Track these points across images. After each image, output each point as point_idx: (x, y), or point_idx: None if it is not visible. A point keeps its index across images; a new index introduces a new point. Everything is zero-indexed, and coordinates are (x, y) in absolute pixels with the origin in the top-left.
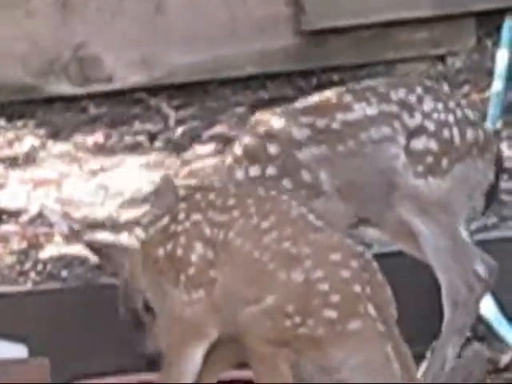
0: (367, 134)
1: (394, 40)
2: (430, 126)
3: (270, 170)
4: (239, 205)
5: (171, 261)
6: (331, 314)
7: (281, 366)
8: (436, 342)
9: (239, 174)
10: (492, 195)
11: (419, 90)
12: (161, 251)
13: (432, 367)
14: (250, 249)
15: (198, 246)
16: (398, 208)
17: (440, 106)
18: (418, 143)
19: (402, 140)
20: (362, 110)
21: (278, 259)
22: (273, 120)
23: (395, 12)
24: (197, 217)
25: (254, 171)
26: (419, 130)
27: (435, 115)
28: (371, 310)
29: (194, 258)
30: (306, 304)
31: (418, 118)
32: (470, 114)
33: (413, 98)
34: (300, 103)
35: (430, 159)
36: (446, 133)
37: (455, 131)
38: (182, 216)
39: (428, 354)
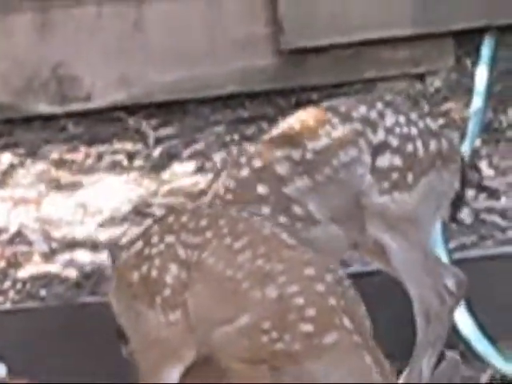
0: (337, 158)
1: (374, 59)
2: (393, 142)
3: (265, 210)
4: (212, 226)
5: (146, 283)
6: (307, 327)
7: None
8: (411, 357)
9: None
10: (458, 203)
11: (379, 105)
12: (135, 275)
13: (409, 380)
14: (223, 268)
15: (173, 268)
16: (368, 227)
17: (402, 119)
18: (383, 160)
19: (367, 159)
20: (327, 134)
21: (252, 277)
22: (253, 160)
23: (375, 31)
24: (170, 239)
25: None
26: (383, 146)
27: (397, 129)
28: (346, 322)
29: (168, 279)
30: (281, 319)
31: (381, 134)
32: (433, 124)
33: (374, 114)
34: (269, 135)
35: (395, 175)
36: (409, 147)
37: (419, 144)
38: (155, 239)
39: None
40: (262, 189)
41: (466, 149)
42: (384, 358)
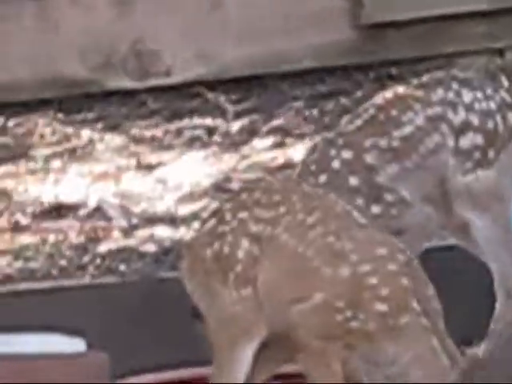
0: (424, 146)
1: (453, 33)
2: (475, 120)
3: (358, 202)
4: (285, 201)
5: (219, 260)
6: (382, 307)
7: (332, 363)
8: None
9: None
10: None
11: (455, 85)
12: (208, 252)
13: (484, 360)
14: (295, 244)
15: (245, 243)
16: (455, 208)
17: (479, 95)
18: (466, 141)
19: (451, 143)
20: (411, 121)
21: (323, 255)
22: (343, 152)
23: (454, 5)
24: (243, 215)
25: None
26: (465, 126)
27: (477, 106)
28: (415, 304)
29: (240, 254)
30: (355, 298)
31: (461, 114)
32: (507, 96)
33: (451, 95)
34: (353, 125)
35: (477, 154)
36: (490, 124)
37: (498, 119)
38: (228, 216)
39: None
40: (353, 180)
41: None
42: (452, 343)
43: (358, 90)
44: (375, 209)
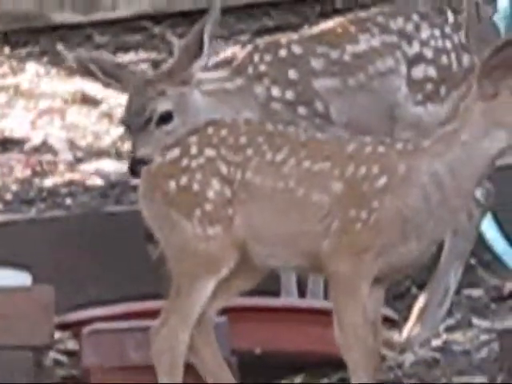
0: (374, 66)
1: None
2: (428, 54)
3: (289, 95)
4: (251, 143)
5: (185, 195)
6: (382, 180)
7: (362, 286)
8: (437, 270)
9: (259, 91)
10: None
11: (416, 17)
12: (172, 184)
13: (435, 295)
14: (272, 183)
15: (215, 183)
16: (396, 136)
17: (437, 32)
18: (418, 71)
19: (403, 70)
20: (367, 41)
21: (305, 181)
22: (293, 45)
23: None
24: (211, 153)
25: (275, 92)
26: (418, 58)
27: (432, 42)
28: None
29: (210, 194)
30: (360, 196)
31: (416, 47)
32: (464, 38)
33: (410, 27)
34: (311, 31)
35: (429, 87)
36: (443, 59)
37: (453, 57)
38: (194, 150)
39: (429, 284)
40: (292, 74)
41: None
42: None
43: (304, 25)
44: (302, 110)
